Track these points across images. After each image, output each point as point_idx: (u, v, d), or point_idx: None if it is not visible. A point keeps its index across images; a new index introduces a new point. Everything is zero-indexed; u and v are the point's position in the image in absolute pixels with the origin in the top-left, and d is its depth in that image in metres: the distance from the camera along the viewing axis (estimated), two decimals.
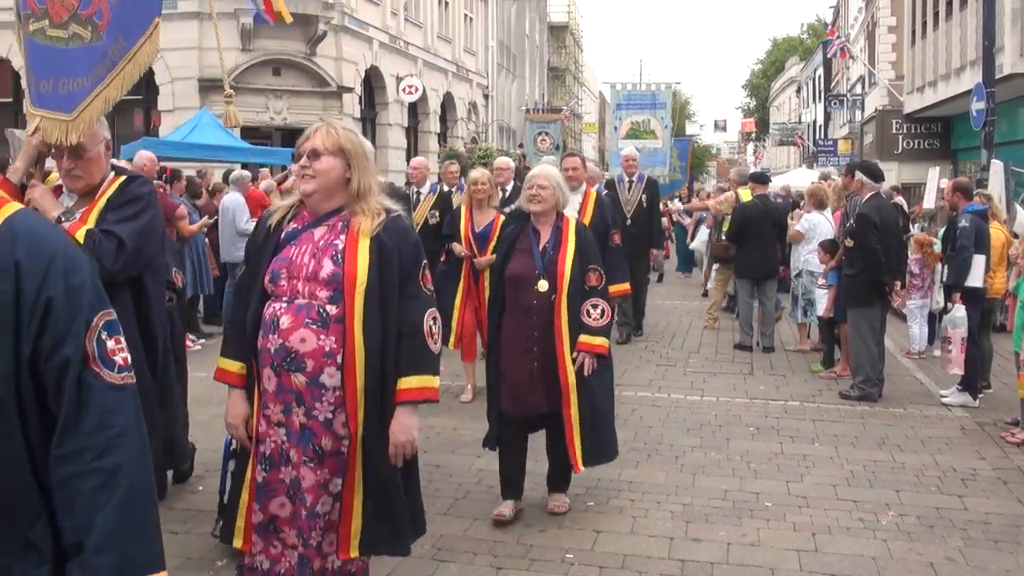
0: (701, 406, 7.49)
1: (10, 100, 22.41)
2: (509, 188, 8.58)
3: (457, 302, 7.28)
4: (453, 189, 9.75)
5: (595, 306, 4.65)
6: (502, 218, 6.98)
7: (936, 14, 22.56)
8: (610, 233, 6.90)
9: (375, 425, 3.08)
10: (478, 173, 7.39)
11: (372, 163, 3.20)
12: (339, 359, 3.01)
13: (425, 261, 3.21)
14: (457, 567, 4.25)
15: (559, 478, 4.96)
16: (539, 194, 4.73)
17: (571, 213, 6.95)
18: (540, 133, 30.22)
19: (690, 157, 26.76)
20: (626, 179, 10.48)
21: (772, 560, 4.36)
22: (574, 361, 4.61)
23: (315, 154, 3.08)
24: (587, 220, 6.95)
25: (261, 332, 3.08)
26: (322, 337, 3.00)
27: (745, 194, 10.89)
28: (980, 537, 4.69)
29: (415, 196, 8.88)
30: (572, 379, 4.61)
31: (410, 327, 3.09)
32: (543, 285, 4.62)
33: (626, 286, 7.01)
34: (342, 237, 3.09)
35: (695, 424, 6.88)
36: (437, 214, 8.61)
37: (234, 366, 3.20)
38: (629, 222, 10.01)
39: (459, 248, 7.26)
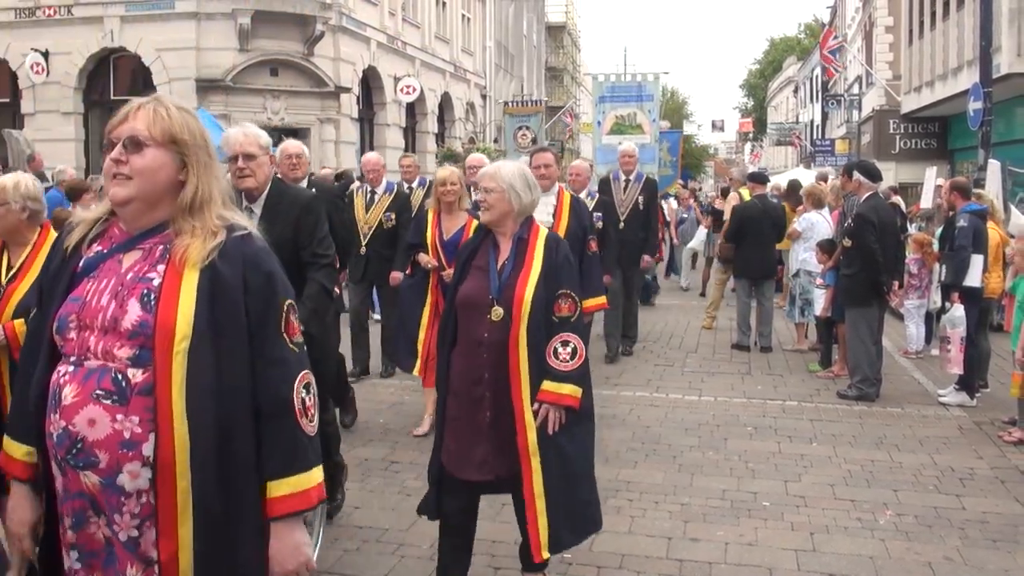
0: (699, 406, 7.49)
1: (8, 100, 22.43)
2: None
3: (424, 321, 6.27)
4: (413, 185, 9.22)
5: (565, 343, 3.57)
6: (475, 223, 5.76)
7: (933, 14, 22.58)
8: (587, 239, 6.20)
9: (218, 551, 2.09)
10: (446, 172, 6.41)
11: (217, 161, 2.27)
12: (146, 450, 2.03)
13: (291, 301, 2.22)
14: None
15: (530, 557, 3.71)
16: (484, 199, 3.73)
17: (544, 217, 6.04)
18: (520, 128, 26.98)
19: (681, 151, 25.02)
20: (623, 177, 9.51)
21: (770, 560, 4.37)
22: (536, 415, 3.55)
23: (136, 144, 2.11)
24: (562, 226, 6.19)
25: (47, 408, 2.11)
26: (119, 418, 2.02)
27: (746, 194, 10.97)
28: (978, 536, 4.69)
29: (368, 196, 7.97)
30: (532, 438, 3.53)
31: (274, 405, 2.13)
32: (497, 313, 3.59)
33: (602, 300, 6.34)
34: (160, 268, 2.11)
35: (693, 424, 6.88)
36: (393, 216, 7.84)
37: (19, 451, 2.20)
38: (622, 225, 9.10)
39: (425, 259, 6.32)
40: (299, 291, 3.89)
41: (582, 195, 7.70)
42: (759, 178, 11.10)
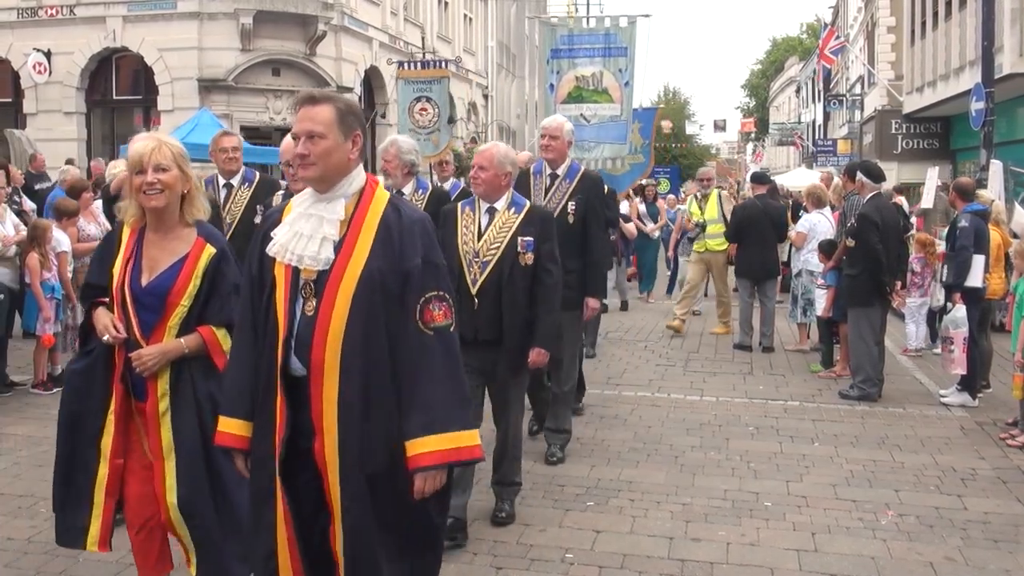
0: (700, 406, 7.49)
1: (10, 100, 22.46)
2: None
3: (103, 448, 3.25)
4: (234, 182, 6.26)
5: None
6: (209, 251, 3.29)
7: (935, 14, 22.56)
8: (419, 299, 2.73)
9: None
10: (143, 146, 3.21)
11: None
12: None
13: None
14: (457, 567, 4.24)
15: None
16: None
17: (315, 251, 2.70)
18: (418, 99, 17.56)
19: (654, 132, 17.84)
20: (545, 170, 5.94)
21: (772, 560, 4.36)
22: None
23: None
24: (352, 272, 2.69)
25: None
26: None
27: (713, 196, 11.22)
28: (979, 537, 4.69)
29: (224, 190, 6.03)
30: None
31: None
32: None
33: (462, 439, 2.79)
34: None
35: (695, 424, 6.88)
36: (263, 211, 5.24)
37: None
38: None
39: (105, 321, 3.24)
40: None
41: (499, 205, 4.62)
42: (760, 178, 11.10)
